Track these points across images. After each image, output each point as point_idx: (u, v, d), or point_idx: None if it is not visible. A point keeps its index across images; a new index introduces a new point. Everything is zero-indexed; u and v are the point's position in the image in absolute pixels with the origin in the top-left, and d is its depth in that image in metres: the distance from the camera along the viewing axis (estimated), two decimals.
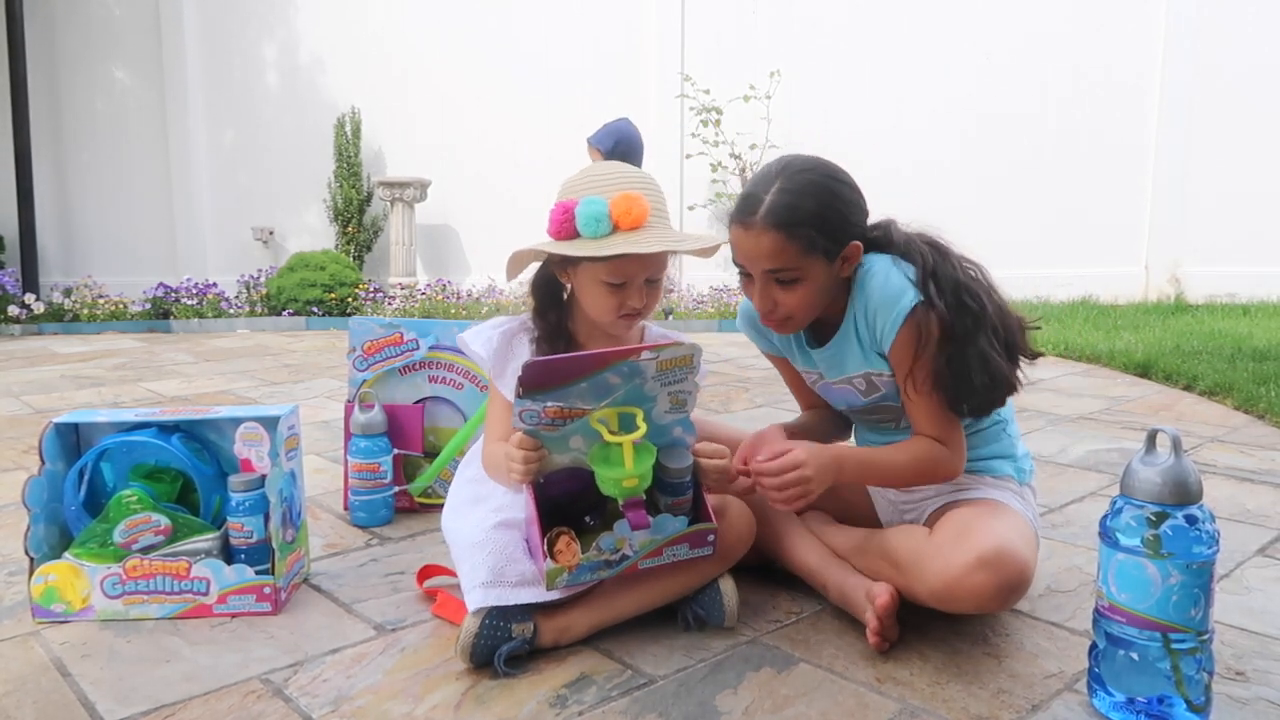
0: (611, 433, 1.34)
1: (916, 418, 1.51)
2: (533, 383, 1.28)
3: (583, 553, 1.35)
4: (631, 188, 1.44)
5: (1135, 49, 7.05)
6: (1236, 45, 6.85)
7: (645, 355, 1.30)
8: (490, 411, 1.59)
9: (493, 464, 1.50)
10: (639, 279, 1.46)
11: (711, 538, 1.42)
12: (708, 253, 1.54)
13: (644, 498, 1.38)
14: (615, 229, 1.42)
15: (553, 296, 1.57)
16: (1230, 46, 6.86)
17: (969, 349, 1.42)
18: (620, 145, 3.86)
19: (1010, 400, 1.65)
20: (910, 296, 1.43)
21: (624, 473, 1.33)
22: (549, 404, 1.30)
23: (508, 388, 1.52)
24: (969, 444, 1.55)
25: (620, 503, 1.37)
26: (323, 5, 7.92)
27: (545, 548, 1.34)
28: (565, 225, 1.43)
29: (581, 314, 1.56)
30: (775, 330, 1.57)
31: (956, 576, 1.33)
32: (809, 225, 1.42)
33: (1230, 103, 6.87)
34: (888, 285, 1.45)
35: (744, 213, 1.46)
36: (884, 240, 1.56)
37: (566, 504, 1.45)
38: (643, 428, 1.34)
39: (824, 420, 1.74)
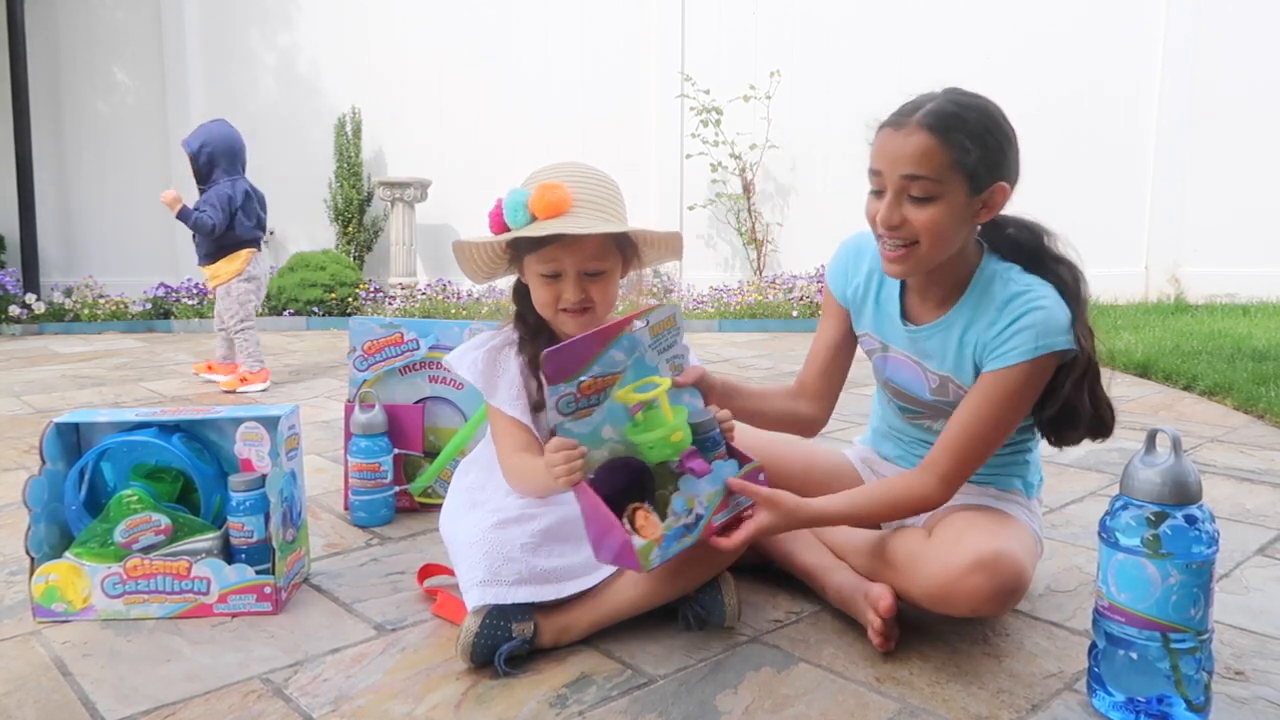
0: (638, 392, 1.36)
1: (955, 425, 1.41)
2: (557, 371, 1.30)
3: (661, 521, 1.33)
4: (557, 179, 1.44)
5: (1135, 48, 7.05)
6: (1235, 46, 6.85)
7: (637, 324, 1.37)
8: (495, 427, 1.55)
9: (521, 475, 1.47)
10: (569, 269, 1.45)
11: (763, 476, 1.42)
12: (664, 249, 1.54)
13: (695, 449, 1.39)
14: (533, 218, 1.43)
15: (529, 300, 1.55)
16: (1229, 47, 6.85)
17: (1084, 386, 1.40)
18: (207, 146, 3.75)
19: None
20: (1064, 341, 1.35)
21: (669, 427, 1.36)
22: (583, 379, 1.32)
23: (504, 402, 1.50)
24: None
25: (675, 463, 1.38)
26: (323, 6, 7.92)
27: (628, 526, 1.31)
28: (496, 218, 1.47)
29: None
30: (889, 263, 1.42)
31: (953, 578, 1.32)
32: (967, 135, 1.33)
33: (1229, 102, 6.87)
34: (1052, 316, 1.36)
35: (900, 115, 1.37)
36: (1032, 245, 1.50)
37: (615, 501, 1.39)
38: (666, 381, 1.38)
39: (784, 409, 1.64)
